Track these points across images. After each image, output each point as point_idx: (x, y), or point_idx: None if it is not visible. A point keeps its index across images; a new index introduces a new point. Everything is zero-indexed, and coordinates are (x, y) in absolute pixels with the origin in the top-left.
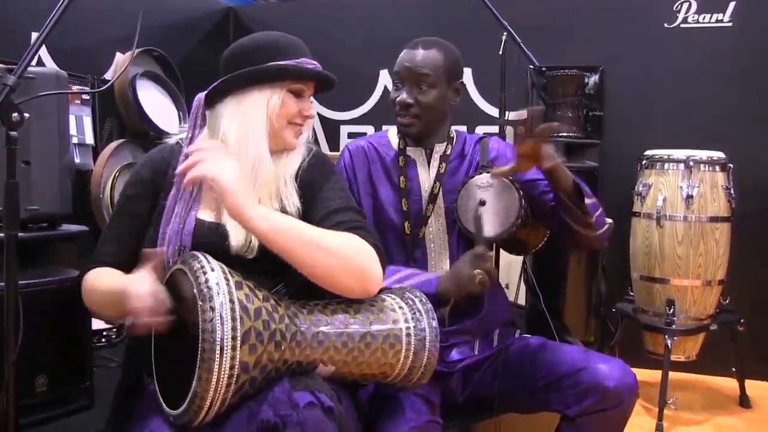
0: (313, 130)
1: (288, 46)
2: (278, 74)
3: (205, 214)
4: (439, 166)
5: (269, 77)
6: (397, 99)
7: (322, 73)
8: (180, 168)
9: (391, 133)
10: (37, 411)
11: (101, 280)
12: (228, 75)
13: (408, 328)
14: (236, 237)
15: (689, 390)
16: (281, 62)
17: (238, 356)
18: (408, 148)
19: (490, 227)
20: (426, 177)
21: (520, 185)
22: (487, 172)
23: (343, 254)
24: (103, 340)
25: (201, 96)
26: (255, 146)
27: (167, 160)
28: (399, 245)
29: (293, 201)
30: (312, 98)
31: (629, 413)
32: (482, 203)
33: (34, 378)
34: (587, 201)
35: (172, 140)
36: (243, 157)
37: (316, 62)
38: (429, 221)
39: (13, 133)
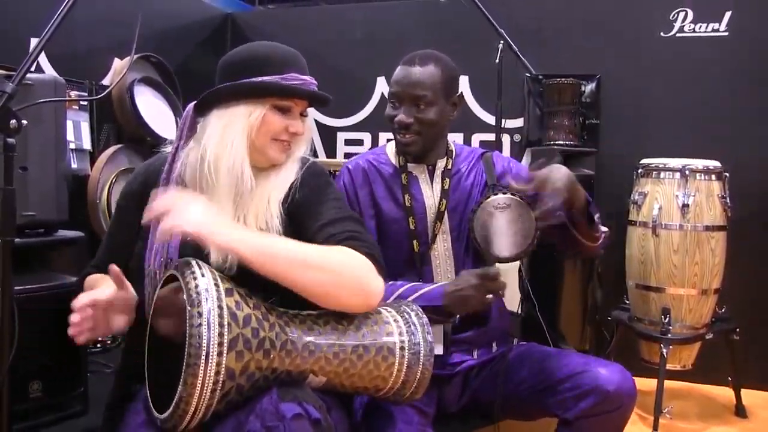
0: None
1: (278, 59)
2: (260, 90)
3: None
4: (442, 182)
5: (252, 93)
6: (396, 119)
7: (305, 91)
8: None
9: (389, 149)
10: (31, 416)
11: (89, 286)
12: (217, 86)
13: (402, 341)
14: (214, 255)
15: (685, 399)
16: (265, 78)
17: (224, 362)
18: (409, 165)
19: (507, 247)
20: (430, 194)
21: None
22: (504, 193)
23: (336, 270)
24: (98, 345)
25: (191, 106)
26: (232, 160)
27: (159, 170)
28: (407, 264)
29: (275, 225)
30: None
31: (627, 417)
32: (497, 223)
33: (28, 383)
34: (596, 217)
35: (167, 150)
36: (220, 170)
37: (308, 77)
38: (436, 239)
39: (11, 140)
